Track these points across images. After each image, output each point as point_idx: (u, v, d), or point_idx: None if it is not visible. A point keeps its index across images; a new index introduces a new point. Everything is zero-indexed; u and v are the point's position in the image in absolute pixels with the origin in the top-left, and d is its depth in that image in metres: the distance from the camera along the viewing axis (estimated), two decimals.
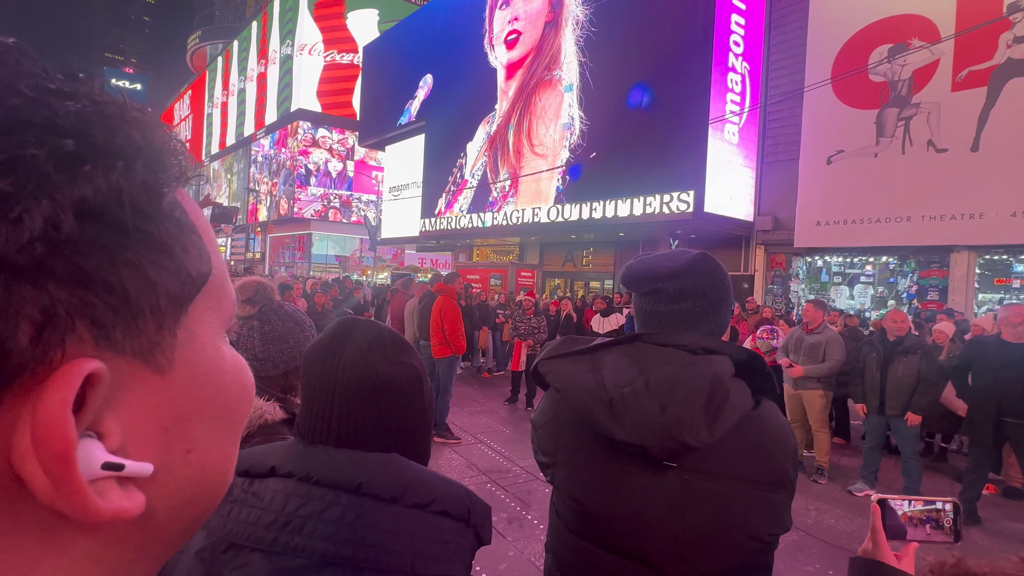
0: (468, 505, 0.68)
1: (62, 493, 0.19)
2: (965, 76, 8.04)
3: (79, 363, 0.19)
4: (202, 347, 0.25)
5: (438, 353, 5.35)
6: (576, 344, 0.98)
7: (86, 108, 0.21)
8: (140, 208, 0.21)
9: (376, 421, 0.70)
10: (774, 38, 10.24)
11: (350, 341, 0.72)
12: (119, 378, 0.21)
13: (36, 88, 0.20)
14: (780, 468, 0.88)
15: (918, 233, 8.38)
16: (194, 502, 0.26)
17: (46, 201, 0.18)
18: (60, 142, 0.19)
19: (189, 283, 0.24)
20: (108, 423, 0.21)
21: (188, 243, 0.24)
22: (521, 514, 3.67)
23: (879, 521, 0.82)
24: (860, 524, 3.82)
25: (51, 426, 0.19)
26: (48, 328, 0.19)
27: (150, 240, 0.22)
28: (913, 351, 4.08)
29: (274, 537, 0.61)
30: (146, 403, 0.23)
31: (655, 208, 9.64)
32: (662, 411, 0.83)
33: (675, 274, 0.94)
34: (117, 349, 0.21)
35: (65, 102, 0.21)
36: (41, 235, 0.18)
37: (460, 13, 15.09)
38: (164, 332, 0.23)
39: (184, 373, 0.24)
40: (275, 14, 27.60)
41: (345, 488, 0.64)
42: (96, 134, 0.21)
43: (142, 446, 0.23)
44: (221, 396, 0.27)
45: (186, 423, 0.25)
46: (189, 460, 0.25)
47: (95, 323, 0.20)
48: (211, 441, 0.26)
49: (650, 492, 0.86)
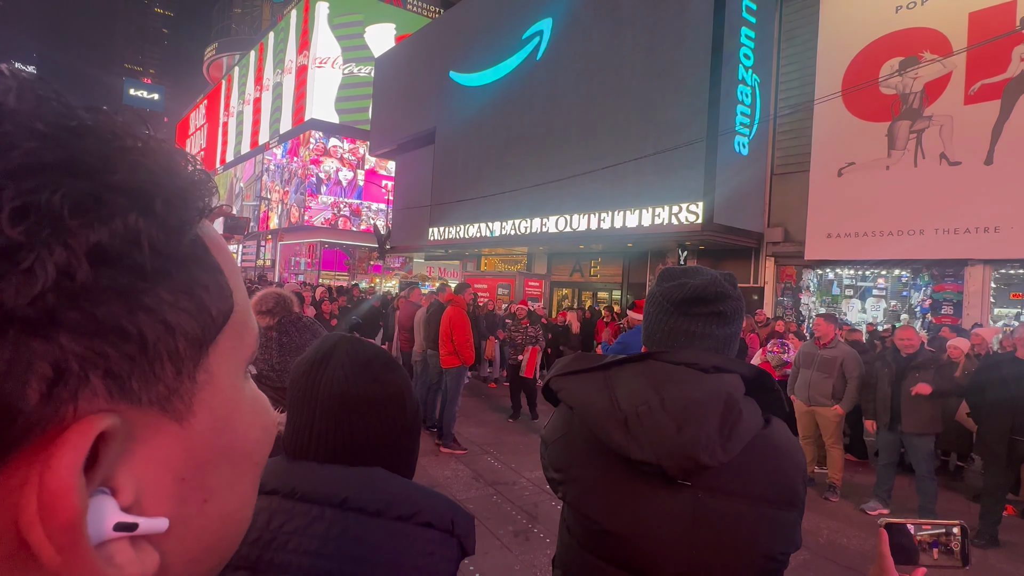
0: (451, 516, 0.69)
1: (69, 564, 0.18)
2: (978, 89, 7.98)
3: (90, 422, 0.18)
4: (222, 389, 0.24)
5: (447, 363, 5.36)
6: (587, 361, 0.99)
7: (105, 145, 0.20)
8: (159, 249, 0.20)
9: (357, 437, 0.70)
10: (784, 50, 10.25)
11: (333, 358, 0.73)
12: (134, 429, 0.20)
13: (55, 126, 0.19)
14: (791, 487, 0.88)
15: (932, 246, 8.28)
16: (210, 553, 0.25)
17: (60, 249, 0.17)
18: (76, 184, 0.18)
19: (210, 324, 0.23)
20: (121, 478, 0.20)
21: (209, 281, 0.23)
22: (528, 527, 3.64)
23: (886, 546, 0.81)
24: (874, 544, 3.73)
25: (58, 495, 0.18)
26: (60, 384, 0.18)
27: (169, 282, 0.21)
28: (927, 367, 4.01)
29: (259, 555, 0.61)
30: (162, 453, 0.22)
31: (664, 219, 9.62)
32: (678, 430, 0.83)
33: (730, 296, 0.94)
34: (133, 400, 0.20)
35: (84, 140, 0.20)
36: (54, 285, 0.17)
37: (470, 24, 15.29)
38: (183, 377, 0.22)
39: (203, 419, 0.23)
40: (291, 26, 28.18)
41: (330, 503, 0.64)
42: (115, 173, 0.20)
43: (157, 499, 0.21)
44: (240, 440, 0.26)
45: (204, 471, 0.23)
46: (206, 510, 0.24)
47: (109, 374, 0.19)
48: (229, 489, 0.25)
49: (664, 510, 0.86)
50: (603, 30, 11.41)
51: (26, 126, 0.18)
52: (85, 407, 0.18)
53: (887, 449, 4.27)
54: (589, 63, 11.64)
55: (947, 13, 8.29)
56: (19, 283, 0.16)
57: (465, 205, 14.57)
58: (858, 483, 4.93)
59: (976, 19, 8.02)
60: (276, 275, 26.28)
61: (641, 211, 10.00)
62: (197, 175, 0.23)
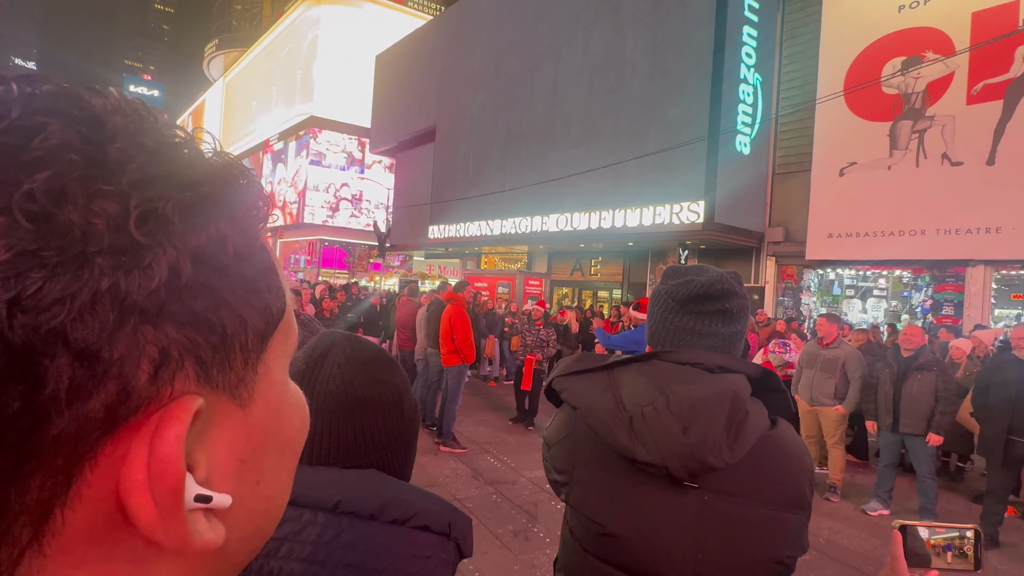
0: (449, 518, 0.67)
1: (167, 525, 0.20)
2: (981, 89, 7.96)
3: (189, 399, 0.21)
4: (275, 382, 0.27)
5: (448, 361, 5.35)
6: (591, 361, 0.97)
7: (196, 159, 0.23)
8: (239, 252, 0.23)
9: (353, 438, 0.68)
10: (786, 49, 10.23)
11: (329, 357, 0.71)
12: (209, 412, 0.23)
13: (158, 142, 0.22)
14: (798, 489, 0.87)
15: (933, 247, 8.27)
16: (257, 533, 0.27)
17: (171, 250, 0.20)
18: (181, 195, 0.21)
19: (271, 320, 0.25)
20: (198, 455, 0.22)
21: (271, 281, 0.26)
22: (527, 526, 3.63)
23: (900, 548, 0.80)
24: (874, 545, 3.73)
25: (167, 461, 0.20)
26: (164, 367, 0.20)
27: (244, 281, 0.24)
28: (929, 368, 4.00)
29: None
30: (228, 436, 0.24)
31: (665, 218, 9.61)
32: (684, 431, 0.82)
33: (736, 293, 0.93)
34: (212, 385, 0.22)
35: (181, 153, 0.22)
36: (166, 281, 0.20)
37: (470, 23, 15.26)
38: (249, 368, 0.24)
39: (260, 407, 0.25)
40: (294, 23, 28.11)
41: (322, 507, 0.63)
42: (206, 185, 0.22)
43: (223, 477, 0.24)
44: (287, 429, 0.28)
45: (258, 456, 0.26)
46: (258, 492, 0.26)
47: (199, 361, 0.21)
48: (275, 473, 0.27)
49: (669, 513, 0.85)
50: (605, 28, 11.38)
51: (137, 143, 0.21)
52: (180, 388, 0.21)
53: (888, 450, 4.26)
54: (590, 61, 11.61)
55: (950, 13, 8.27)
56: (141, 279, 0.19)
57: (465, 203, 14.55)
58: (858, 484, 4.93)
59: (979, 19, 8.00)
60: None
61: (642, 210, 9.98)
62: (258, 187, 0.26)
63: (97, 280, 0.18)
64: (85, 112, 0.21)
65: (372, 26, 26.59)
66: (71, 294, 0.18)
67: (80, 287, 0.18)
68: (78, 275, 0.18)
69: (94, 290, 0.18)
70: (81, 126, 0.20)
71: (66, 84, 0.21)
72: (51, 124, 0.19)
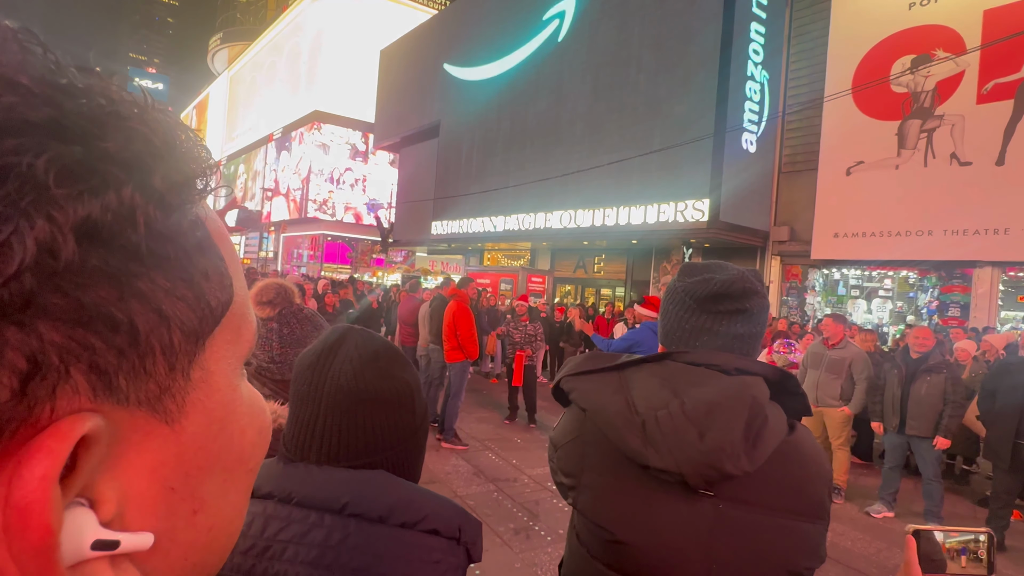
0: (459, 523, 0.65)
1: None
2: (991, 88, 7.87)
3: (70, 423, 0.16)
4: (218, 388, 0.22)
5: (450, 358, 5.33)
6: (601, 360, 0.94)
7: (99, 108, 0.17)
8: (156, 228, 0.18)
9: (362, 435, 0.66)
10: (794, 47, 10.13)
11: (341, 350, 0.69)
12: (119, 432, 0.18)
13: (41, 82, 0.17)
14: (818, 498, 0.84)
15: (940, 248, 8.20)
16: (197, 570, 0.22)
17: (41, 221, 0.15)
18: (64, 148, 0.16)
19: (208, 315, 0.20)
20: (102, 488, 0.18)
21: (209, 267, 0.21)
22: (528, 525, 3.61)
23: (914, 553, 0.78)
24: (878, 547, 3.70)
25: (28, 511, 0.15)
26: (35, 379, 0.15)
27: (167, 266, 0.18)
28: (938, 370, 3.96)
29: (253, 564, 0.58)
30: (149, 459, 0.19)
31: (669, 216, 9.55)
32: (701, 437, 0.78)
33: (758, 292, 0.89)
34: (119, 399, 0.17)
35: (75, 100, 0.17)
36: (33, 264, 0.15)
37: (474, 18, 15.17)
38: (176, 374, 0.19)
39: (196, 421, 0.21)
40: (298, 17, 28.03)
41: (329, 509, 0.61)
42: (109, 139, 0.17)
43: (142, 511, 0.19)
44: (235, 444, 0.23)
45: (195, 479, 0.21)
46: (196, 523, 0.21)
47: (94, 369, 0.17)
48: (221, 498, 0.22)
49: (682, 521, 0.81)
50: (611, 24, 11.29)
51: (8, 79, 0.16)
52: (64, 406, 0.16)
53: (894, 452, 4.22)
54: (596, 57, 11.53)
55: (961, 10, 8.17)
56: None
57: (469, 199, 14.51)
58: (863, 485, 4.90)
59: (991, 17, 7.89)
60: (279, 267, 26.31)
61: (646, 208, 9.93)
62: (198, 151, 0.21)
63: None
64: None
65: (376, 20, 26.50)
66: None
67: None
68: None
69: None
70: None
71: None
72: None
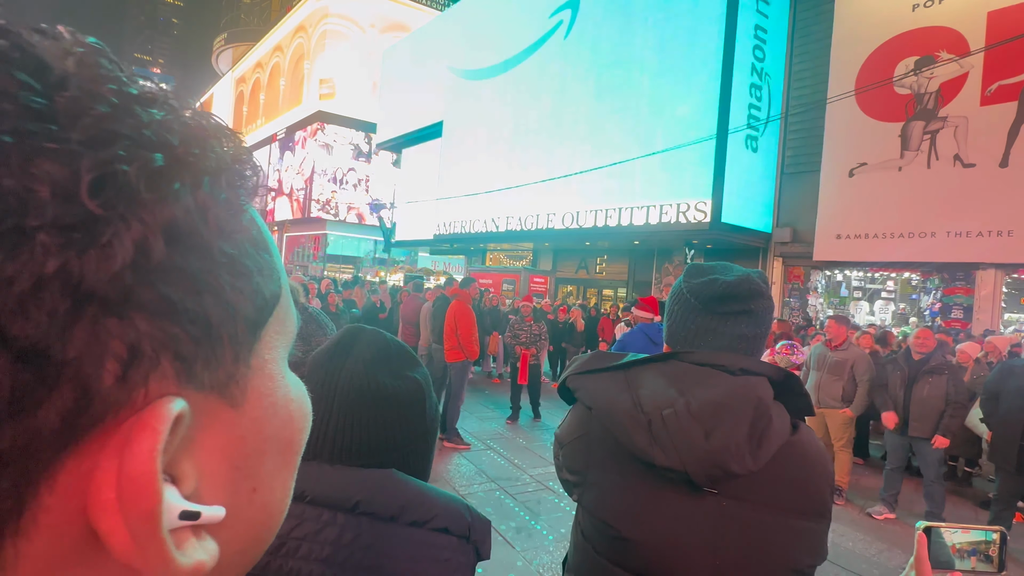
0: (468, 521, 0.67)
1: (145, 552, 0.17)
2: (995, 90, 7.85)
3: (166, 404, 0.18)
4: (271, 375, 0.24)
5: (451, 357, 5.34)
6: (607, 359, 0.95)
7: (169, 117, 0.19)
8: (224, 228, 0.20)
9: (375, 434, 0.68)
10: (797, 48, 10.12)
11: (354, 350, 0.70)
12: (195, 415, 0.19)
13: (120, 94, 0.18)
14: (820, 497, 0.86)
15: (942, 249, 8.18)
16: (254, 545, 0.24)
17: (136, 224, 0.17)
18: (149, 156, 0.17)
19: (263, 307, 0.22)
20: (183, 465, 0.20)
21: (263, 263, 0.22)
22: (529, 524, 3.62)
23: (924, 550, 0.78)
24: (879, 548, 3.70)
25: (140, 482, 0.17)
26: (134, 366, 0.17)
27: (231, 262, 0.20)
28: (940, 371, 3.95)
29: (267, 561, 0.59)
30: (219, 440, 0.21)
31: (671, 217, 9.55)
32: (706, 436, 0.80)
33: (763, 294, 0.90)
34: (197, 385, 0.19)
35: (150, 110, 0.19)
36: (131, 263, 0.16)
37: (477, 19, 15.20)
38: (240, 363, 0.21)
39: (255, 405, 0.23)
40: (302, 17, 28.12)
41: (341, 507, 0.62)
42: (182, 146, 0.19)
43: (212, 488, 0.21)
44: (287, 428, 0.25)
45: (254, 460, 0.23)
46: (254, 500, 0.23)
47: (178, 357, 0.18)
48: (274, 478, 0.24)
49: (687, 519, 0.83)
50: (614, 25, 11.30)
51: (93, 92, 0.17)
52: (155, 391, 0.18)
53: (895, 453, 4.22)
54: (599, 57, 11.54)
55: (965, 12, 8.16)
56: (99, 259, 0.16)
57: (471, 199, 14.54)
58: (864, 486, 4.89)
59: (995, 18, 7.88)
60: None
61: (648, 208, 9.94)
62: (246, 152, 0.22)
63: (40, 261, 0.15)
64: (26, 54, 0.17)
65: (380, 21, 26.57)
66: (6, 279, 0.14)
67: (18, 270, 0.15)
68: (14, 256, 0.15)
69: (37, 274, 0.15)
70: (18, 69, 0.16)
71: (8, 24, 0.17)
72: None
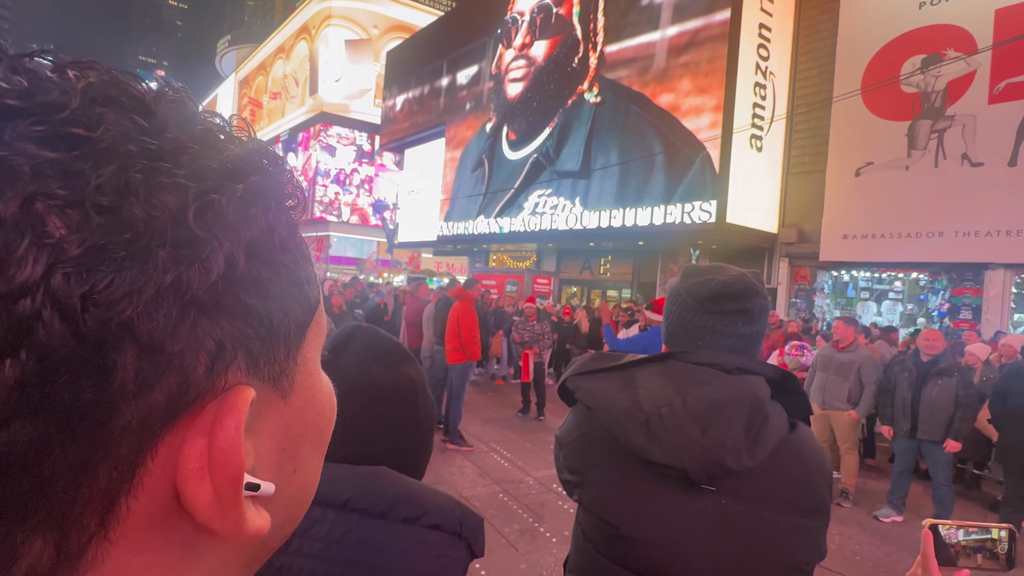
0: (459, 518, 0.67)
1: (225, 513, 0.21)
2: (1003, 88, 7.78)
3: (245, 390, 0.22)
4: (311, 372, 0.27)
5: (452, 359, 5.32)
6: (606, 360, 0.96)
7: (238, 148, 0.23)
8: (284, 244, 0.24)
9: (368, 429, 0.68)
10: (803, 47, 10.06)
11: (349, 347, 0.72)
12: (256, 403, 0.23)
13: (205, 131, 0.22)
14: (818, 494, 0.87)
15: (951, 249, 8.11)
16: (290, 520, 0.28)
17: (227, 243, 0.21)
18: (234, 187, 0.21)
19: (309, 310, 0.26)
20: (246, 445, 0.23)
21: (308, 273, 0.26)
22: (534, 526, 3.60)
23: (931, 547, 0.78)
24: (886, 551, 3.66)
25: (229, 451, 0.21)
26: (219, 359, 0.21)
27: (288, 272, 0.24)
28: (949, 373, 3.90)
29: None
30: (272, 425, 0.25)
31: (676, 217, 9.51)
32: (703, 433, 0.81)
33: (758, 293, 0.92)
34: (260, 377, 0.23)
35: (229, 146, 0.23)
36: (223, 274, 0.20)
37: (479, 21, 15.20)
38: (290, 359, 0.25)
39: (299, 396, 0.26)
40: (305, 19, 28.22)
41: (331, 504, 0.63)
42: (254, 175, 0.22)
43: (265, 467, 0.24)
44: (321, 418, 0.29)
45: (296, 444, 0.26)
46: (294, 480, 0.27)
47: (249, 353, 0.22)
48: (309, 462, 0.28)
49: (686, 516, 0.84)
50: (615, 24, 11.27)
51: (188, 132, 0.21)
52: (232, 380, 0.22)
53: (904, 456, 4.17)
54: (603, 57, 11.51)
55: (972, 9, 8.08)
56: (200, 272, 0.20)
57: (474, 200, 14.53)
58: (871, 489, 4.84)
59: (1003, 16, 7.80)
60: None
61: (652, 209, 9.90)
62: (290, 174, 0.26)
63: (161, 274, 0.19)
64: (135, 100, 0.21)
65: (383, 22, 26.64)
66: (138, 288, 0.18)
67: (146, 281, 0.18)
68: (144, 269, 0.18)
69: (159, 284, 0.19)
70: (134, 115, 0.20)
71: (111, 69, 0.21)
72: (107, 114, 0.19)
